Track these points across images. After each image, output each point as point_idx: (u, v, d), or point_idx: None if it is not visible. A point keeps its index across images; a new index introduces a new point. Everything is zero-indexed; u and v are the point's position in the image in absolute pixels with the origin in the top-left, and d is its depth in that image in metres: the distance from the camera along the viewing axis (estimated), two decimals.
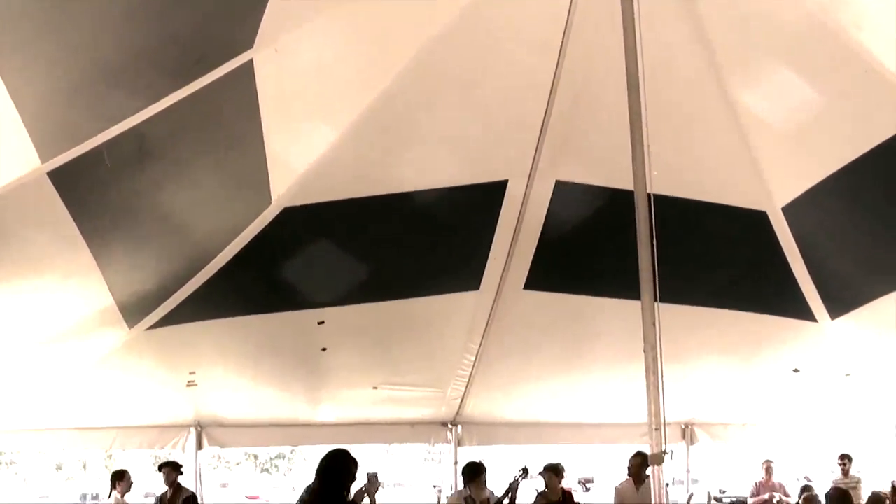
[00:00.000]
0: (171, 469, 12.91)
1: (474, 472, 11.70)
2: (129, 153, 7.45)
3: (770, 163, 9.15)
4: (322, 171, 8.55)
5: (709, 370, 12.90)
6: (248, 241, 9.09)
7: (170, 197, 8.24)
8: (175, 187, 8.14)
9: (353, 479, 9.04)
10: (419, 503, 28.28)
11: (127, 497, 13.49)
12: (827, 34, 7.53)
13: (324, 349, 11.29)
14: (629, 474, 12.42)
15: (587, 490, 32.01)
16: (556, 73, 8.44)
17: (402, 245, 9.94)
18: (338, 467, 8.97)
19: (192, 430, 13.26)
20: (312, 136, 8.35)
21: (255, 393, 12.58)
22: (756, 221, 9.76)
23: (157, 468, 14.32)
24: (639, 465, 12.06)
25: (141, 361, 10.66)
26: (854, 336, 11.57)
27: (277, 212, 8.88)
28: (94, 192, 7.69)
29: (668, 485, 11.41)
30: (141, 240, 8.58)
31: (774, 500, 16.21)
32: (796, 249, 10.01)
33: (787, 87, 8.29)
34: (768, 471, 16.60)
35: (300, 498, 9.58)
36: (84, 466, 47.84)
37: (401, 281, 10.35)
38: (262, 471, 50.05)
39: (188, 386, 11.77)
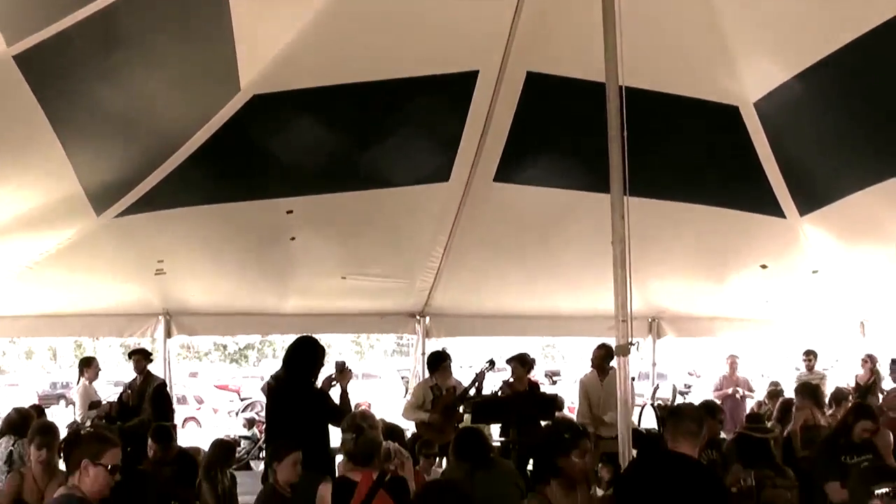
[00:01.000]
0: (140, 357, 12.97)
1: (438, 360, 11.84)
2: (96, 38, 7.34)
3: (743, 57, 9.10)
4: (291, 59, 8.43)
5: (677, 264, 13.00)
6: (217, 128, 8.99)
7: (137, 83, 8.15)
8: (143, 73, 8.04)
9: (321, 366, 9.10)
10: (389, 394, 28.53)
11: (95, 384, 13.60)
12: None
13: (293, 239, 11.29)
14: (593, 366, 12.53)
15: (554, 383, 32.39)
16: None
17: (371, 135, 9.86)
18: (305, 354, 9.02)
19: (161, 318, 13.28)
20: (281, 22, 8.22)
21: (223, 282, 12.62)
22: (728, 116, 9.72)
23: (127, 356, 14.38)
24: (602, 357, 12.16)
25: (109, 249, 10.66)
26: (822, 233, 11.67)
27: (246, 99, 8.78)
28: (61, 77, 7.60)
29: (633, 379, 11.60)
30: (108, 126, 8.50)
31: (738, 395, 16.47)
32: (767, 145, 10.00)
33: None
34: (732, 366, 16.84)
35: (266, 384, 9.65)
36: (54, 355, 48.06)
37: (370, 171, 10.30)
38: (232, 361, 50.41)
39: (156, 274, 11.77)
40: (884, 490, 4.23)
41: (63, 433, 8.48)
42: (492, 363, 12.14)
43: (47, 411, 14.25)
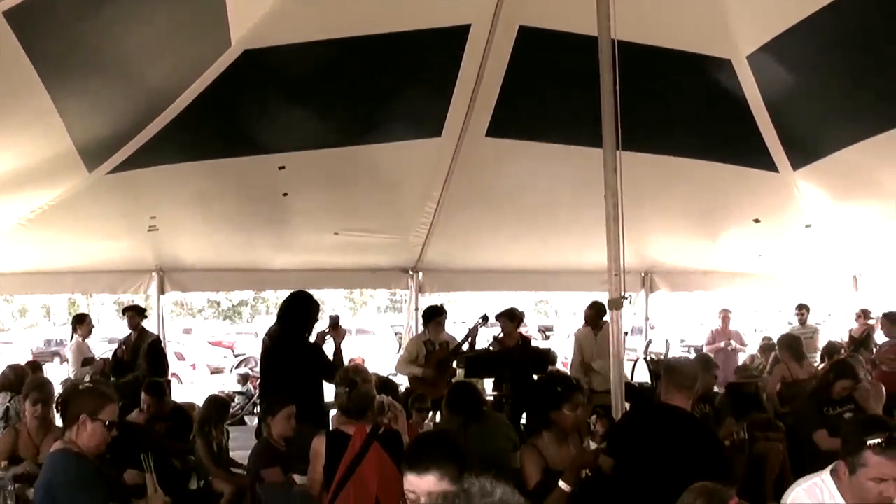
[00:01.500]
0: (134, 313, 13.02)
1: (433, 314, 11.87)
2: None
3: (736, 10, 9.05)
4: (282, 14, 8.37)
5: (670, 219, 13.00)
6: (208, 83, 8.94)
7: (128, 38, 8.07)
8: (134, 27, 7.97)
9: (315, 321, 9.12)
10: (382, 350, 28.61)
11: (88, 341, 13.63)
12: None
13: (285, 194, 11.26)
14: (586, 323, 12.59)
15: (547, 338, 32.52)
16: None
17: (363, 89, 9.82)
18: (299, 309, 9.05)
19: (154, 274, 13.30)
20: None
21: (216, 238, 12.60)
22: (720, 70, 9.69)
23: (121, 312, 14.41)
24: (594, 315, 12.23)
25: (102, 205, 10.62)
26: (815, 187, 11.67)
27: (237, 55, 8.73)
28: (51, 32, 7.52)
29: (626, 333, 11.64)
30: (99, 82, 8.43)
31: (730, 349, 16.55)
32: (760, 99, 9.97)
33: None
34: (725, 320, 16.90)
35: (262, 339, 9.68)
36: (48, 313, 48.10)
37: (362, 126, 10.28)
38: (225, 318, 50.50)
39: (149, 230, 11.76)
40: (876, 440, 4.26)
41: (58, 390, 8.50)
42: (485, 318, 12.19)
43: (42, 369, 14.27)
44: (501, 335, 12.56)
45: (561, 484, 5.79)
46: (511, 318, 12.63)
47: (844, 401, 8.90)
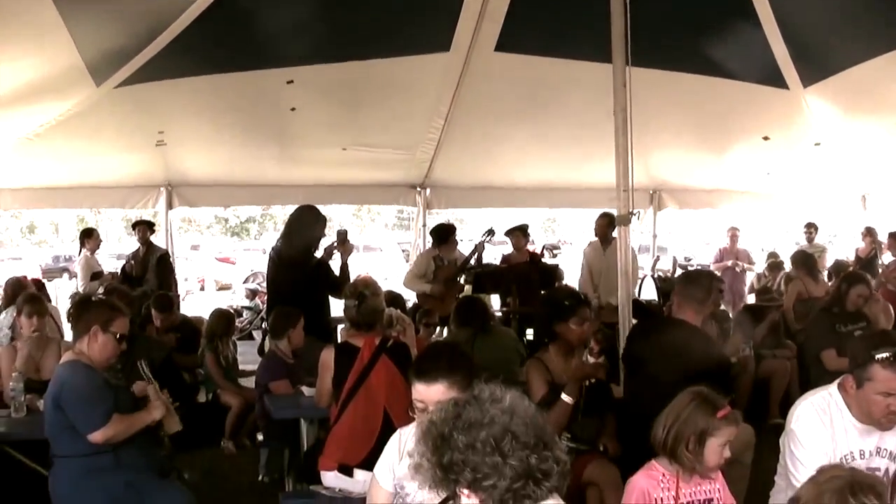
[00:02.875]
0: (145, 227, 13.14)
1: (445, 233, 11.87)
2: None
3: None
4: None
5: (678, 136, 12.96)
6: None
7: None
8: None
9: (322, 235, 9.13)
10: (389, 266, 28.66)
11: (96, 255, 13.69)
12: None
13: (293, 109, 11.21)
14: (596, 234, 12.57)
15: (554, 256, 32.57)
16: None
17: (371, 3, 9.72)
18: (305, 223, 9.05)
19: (163, 189, 13.32)
20: None
21: (224, 153, 12.61)
22: None
23: (130, 227, 14.47)
24: (605, 225, 12.21)
25: (109, 120, 10.61)
26: (825, 105, 11.56)
27: None
28: None
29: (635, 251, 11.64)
30: None
31: (737, 268, 16.59)
32: (771, 13, 9.80)
33: None
34: (733, 238, 16.93)
35: (269, 253, 9.70)
36: (56, 230, 48.19)
37: (371, 41, 10.17)
38: (233, 234, 50.59)
39: (157, 145, 11.76)
40: (884, 354, 4.28)
41: (66, 305, 8.54)
42: (491, 232, 12.21)
43: (51, 284, 14.35)
44: (511, 253, 12.61)
45: (564, 396, 5.84)
46: (524, 233, 12.69)
47: (857, 318, 8.90)
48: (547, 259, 14.12)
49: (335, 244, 9.22)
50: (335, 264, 9.14)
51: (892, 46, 9.44)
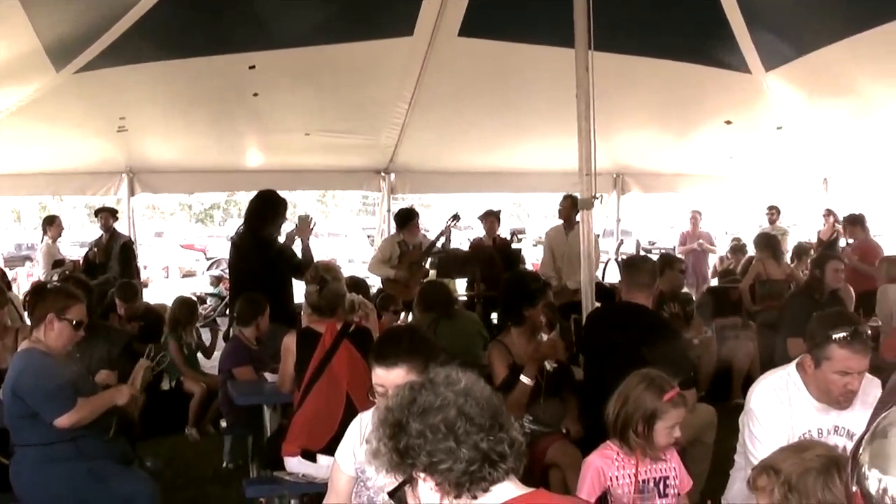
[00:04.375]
0: (108, 214, 13.04)
1: (407, 217, 11.87)
2: None
3: None
4: None
5: (641, 120, 13.02)
6: None
7: None
8: None
9: (283, 220, 9.11)
10: (354, 252, 28.65)
11: (58, 243, 13.61)
12: None
13: (255, 94, 11.16)
14: (560, 216, 12.61)
15: (519, 241, 32.75)
16: None
17: None
18: (266, 208, 9.02)
19: (125, 176, 13.21)
20: None
21: (186, 139, 12.54)
22: None
23: (93, 214, 14.40)
24: (569, 207, 12.21)
25: (70, 106, 10.52)
26: (787, 88, 11.62)
27: None
28: None
29: (598, 236, 11.68)
30: None
31: (699, 248, 16.71)
32: None
33: None
34: (694, 221, 17.03)
35: (231, 240, 9.67)
36: (18, 217, 47.78)
37: (333, 25, 10.14)
38: (198, 221, 50.35)
39: (119, 131, 11.66)
40: (842, 334, 4.32)
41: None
42: (457, 217, 12.21)
43: (13, 272, 14.24)
44: (483, 236, 12.66)
45: (522, 378, 5.89)
46: (498, 218, 12.78)
47: (832, 302, 8.97)
48: (514, 244, 14.18)
49: (297, 229, 9.21)
50: (297, 248, 9.14)
51: (853, 31, 9.49)
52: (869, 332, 4.65)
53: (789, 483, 3.20)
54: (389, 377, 3.76)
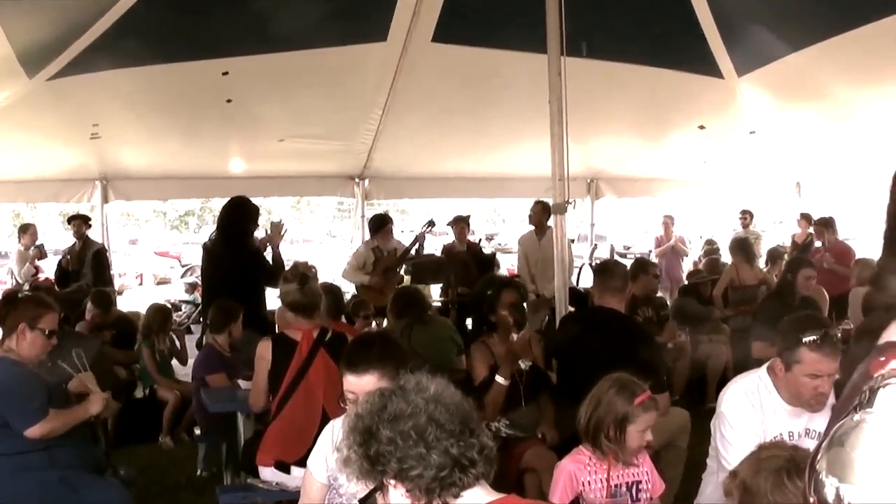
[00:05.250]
0: (81, 221, 12.97)
1: (380, 223, 11.86)
2: None
3: None
4: None
5: (615, 126, 13.05)
6: None
7: None
8: None
9: (255, 226, 9.10)
10: (328, 257, 28.58)
11: (31, 251, 13.57)
12: None
13: (229, 101, 11.12)
14: (531, 223, 12.62)
15: (489, 240, 32.96)
16: None
17: None
18: (238, 214, 9.02)
19: (98, 183, 13.16)
20: None
21: (160, 145, 12.48)
22: None
23: (66, 221, 14.38)
24: (539, 213, 12.25)
25: (43, 113, 10.45)
26: (760, 93, 11.68)
27: None
28: None
29: (572, 241, 11.71)
30: None
31: (671, 248, 16.80)
32: (706, 3, 9.93)
33: None
34: (666, 226, 17.10)
35: (203, 246, 9.65)
36: None
37: (306, 31, 10.12)
38: (172, 228, 50.20)
39: (92, 138, 11.60)
40: (812, 337, 4.35)
41: None
42: (431, 223, 12.23)
43: None
44: (454, 242, 12.66)
45: (498, 378, 5.91)
46: (468, 224, 12.79)
47: (804, 306, 9.00)
48: (485, 248, 14.22)
49: (269, 235, 9.21)
50: (268, 255, 9.14)
51: (825, 36, 9.54)
52: (839, 334, 4.69)
53: (744, 484, 3.22)
54: (360, 384, 3.76)
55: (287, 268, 7.42)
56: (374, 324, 9.95)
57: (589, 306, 7.22)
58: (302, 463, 5.17)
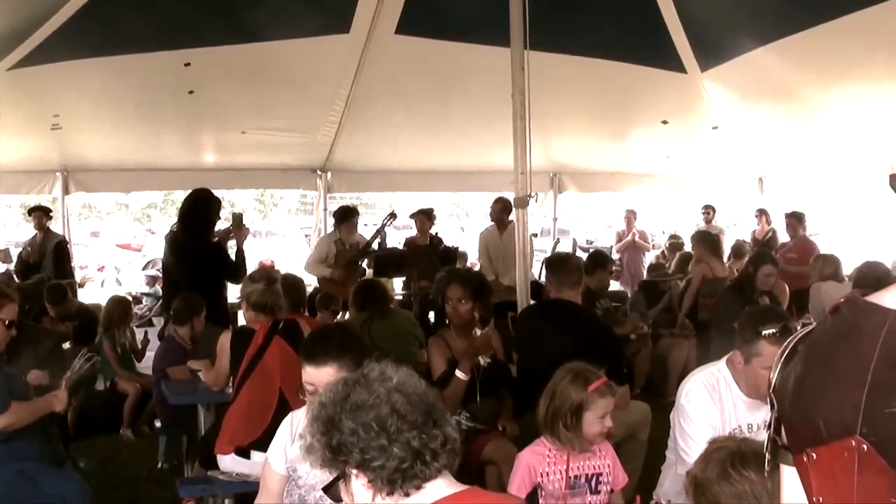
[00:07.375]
0: (41, 213, 12.87)
1: (346, 214, 11.81)
2: None
3: None
4: None
5: (578, 120, 13.09)
6: None
7: None
8: None
9: (217, 219, 9.06)
10: (290, 251, 28.48)
11: None
12: None
13: (191, 92, 11.05)
14: (492, 219, 12.64)
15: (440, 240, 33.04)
16: None
17: None
18: (199, 206, 8.98)
19: (59, 174, 13.07)
20: None
21: (122, 137, 12.41)
22: None
23: (27, 213, 14.27)
24: (500, 210, 12.25)
25: (2, 103, 10.31)
26: (723, 89, 11.75)
27: None
28: None
29: (534, 235, 11.71)
30: None
31: (635, 242, 16.88)
32: None
33: None
34: (628, 220, 17.16)
35: (165, 238, 9.61)
36: None
37: (269, 22, 10.07)
38: (135, 220, 49.85)
39: (53, 129, 11.51)
40: (771, 330, 4.37)
41: None
42: (393, 216, 12.21)
43: None
44: (416, 234, 12.64)
45: (457, 373, 5.92)
46: (428, 216, 12.74)
47: (765, 297, 9.08)
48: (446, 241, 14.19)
49: (231, 228, 9.17)
50: (231, 249, 9.10)
51: (787, 32, 9.58)
52: (799, 327, 4.72)
53: (695, 479, 3.25)
54: (319, 375, 3.76)
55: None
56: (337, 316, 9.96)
57: (547, 299, 7.22)
58: (260, 445, 5.18)
